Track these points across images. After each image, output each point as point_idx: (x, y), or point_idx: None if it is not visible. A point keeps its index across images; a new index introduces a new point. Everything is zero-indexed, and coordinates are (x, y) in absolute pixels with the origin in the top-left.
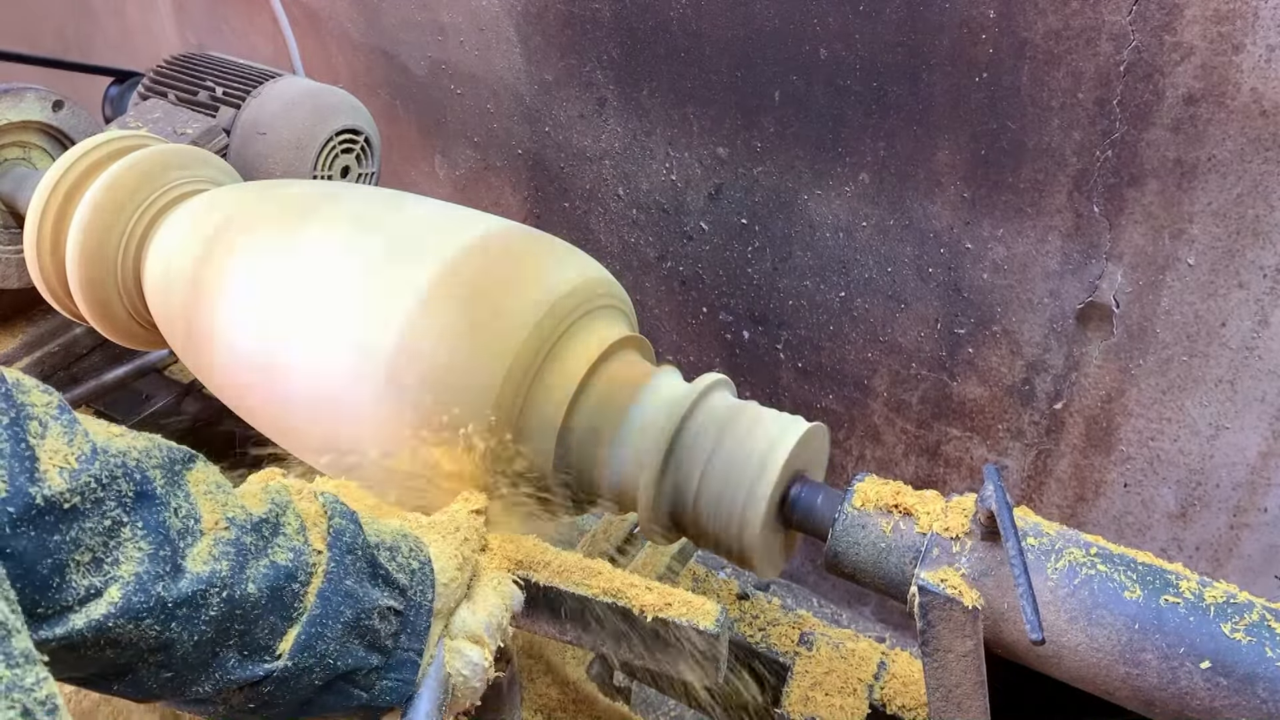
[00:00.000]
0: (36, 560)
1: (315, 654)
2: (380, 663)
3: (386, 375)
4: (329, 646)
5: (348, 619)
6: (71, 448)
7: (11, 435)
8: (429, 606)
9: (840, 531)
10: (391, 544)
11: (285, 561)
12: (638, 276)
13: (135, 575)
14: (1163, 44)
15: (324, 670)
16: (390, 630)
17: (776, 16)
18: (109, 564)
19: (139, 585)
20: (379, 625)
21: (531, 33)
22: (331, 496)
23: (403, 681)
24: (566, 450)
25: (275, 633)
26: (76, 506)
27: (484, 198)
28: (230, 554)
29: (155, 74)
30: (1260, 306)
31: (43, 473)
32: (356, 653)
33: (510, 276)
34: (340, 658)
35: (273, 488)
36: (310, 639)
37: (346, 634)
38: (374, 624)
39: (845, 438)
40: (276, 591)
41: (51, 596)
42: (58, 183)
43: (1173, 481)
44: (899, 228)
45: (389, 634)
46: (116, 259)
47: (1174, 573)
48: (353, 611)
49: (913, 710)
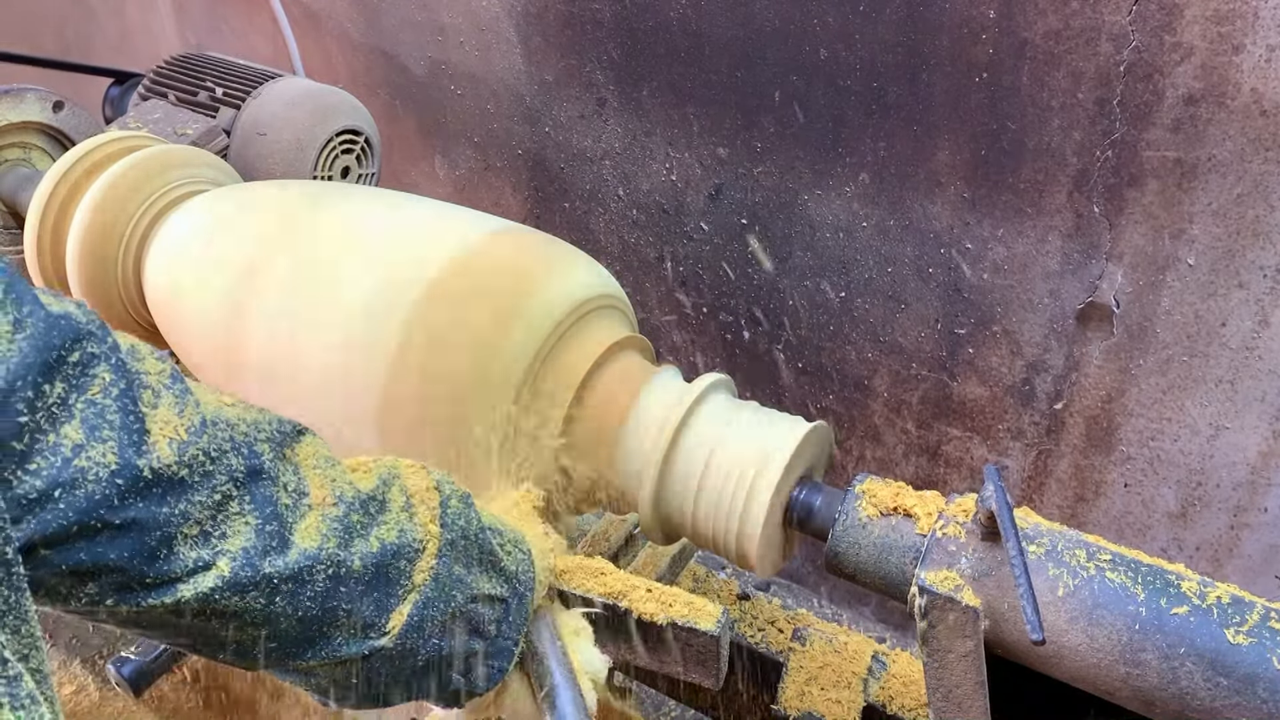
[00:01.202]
0: (146, 531)
1: (423, 634)
2: (482, 648)
3: (379, 376)
4: (436, 628)
5: (458, 602)
6: (182, 419)
7: (121, 406)
8: (530, 596)
9: (840, 532)
10: (500, 529)
11: (393, 539)
12: (638, 276)
13: (243, 549)
14: (1163, 44)
15: (429, 651)
16: (494, 617)
17: (776, 16)
18: (217, 537)
19: (246, 560)
20: (484, 611)
21: (531, 33)
22: (443, 475)
23: (497, 669)
24: (568, 452)
25: (381, 609)
26: (185, 479)
27: (484, 198)
28: (337, 530)
29: (155, 74)
30: (1260, 306)
31: (152, 444)
32: (460, 636)
33: (510, 280)
34: (446, 640)
35: (383, 464)
36: (421, 619)
37: (454, 617)
38: (480, 609)
39: (845, 438)
40: (382, 569)
41: (159, 567)
42: (58, 183)
43: (1173, 481)
44: (899, 228)
45: (493, 620)
46: (117, 259)
47: (1175, 573)
48: (463, 595)
49: (913, 710)
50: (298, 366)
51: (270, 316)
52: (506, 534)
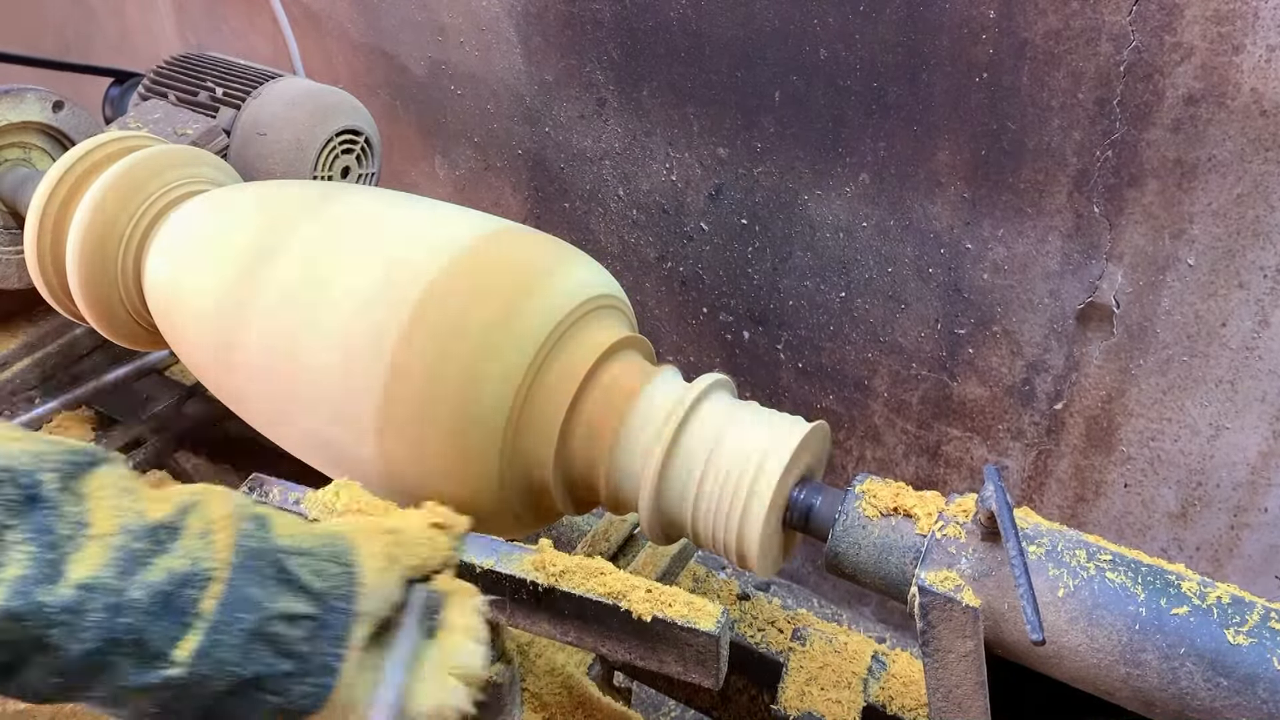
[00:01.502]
0: None
1: (214, 661)
2: (293, 669)
3: (378, 375)
4: (230, 654)
5: (249, 625)
6: None
7: None
8: (348, 609)
9: (840, 532)
10: (307, 548)
11: (181, 567)
12: (638, 276)
13: (17, 578)
14: (1163, 44)
15: (227, 677)
16: (301, 635)
17: (776, 16)
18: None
19: (19, 589)
20: (287, 631)
21: (531, 33)
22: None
23: (321, 685)
24: (567, 451)
25: (170, 639)
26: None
27: (484, 198)
28: (118, 560)
29: (155, 74)
30: (1260, 307)
31: None
32: (263, 659)
33: (510, 280)
34: (245, 664)
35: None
36: (209, 646)
37: (250, 640)
38: (280, 630)
39: (845, 438)
40: (169, 598)
41: None
42: (58, 183)
43: (1173, 481)
44: (899, 228)
45: (300, 639)
46: (117, 259)
47: (1175, 573)
48: (255, 618)
49: (913, 710)
50: (297, 366)
51: (270, 316)
52: (320, 549)
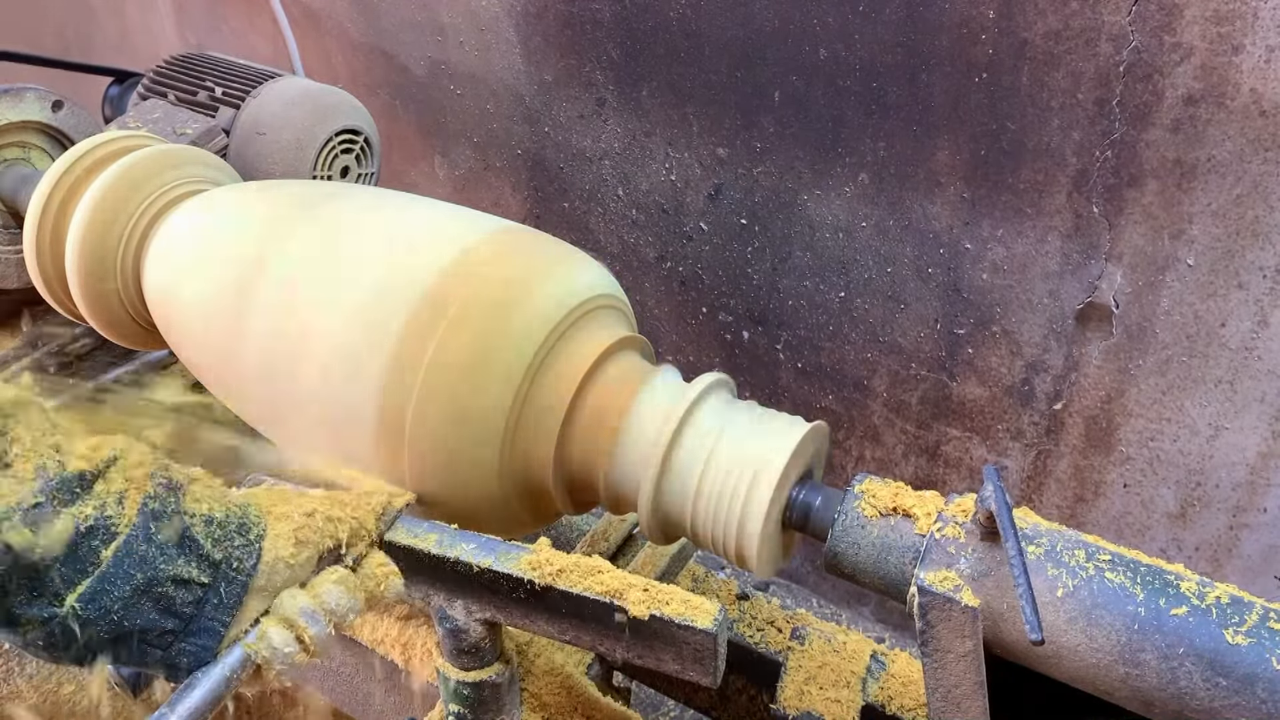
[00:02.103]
0: None
1: (99, 608)
2: (176, 627)
3: (378, 375)
4: (114, 604)
5: (138, 582)
6: None
7: None
8: (243, 581)
9: (840, 532)
10: (217, 517)
11: (87, 519)
12: (638, 276)
13: None
14: (1162, 44)
15: (109, 625)
16: (191, 598)
17: (776, 16)
18: None
19: None
20: (176, 593)
21: (531, 33)
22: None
23: (202, 648)
24: (566, 451)
25: (67, 583)
26: None
27: (484, 198)
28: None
29: (155, 74)
30: (1260, 307)
31: None
32: (148, 615)
33: (509, 279)
34: (128, 617)
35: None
36: (95, 594)
37: (136, 595)
38: (169, 591)
39: (845, 438)
40: (73, 547)
41: None
42: (57, 183)
43: (1172, 482)
44: (899, 228)
45: (189, 602)
46: (116, 259)
47: (1174, 573)
48: (145, 576)
49: (912, 710)
50: (296, 366)
51: (269, 316)
52: (229, 519)
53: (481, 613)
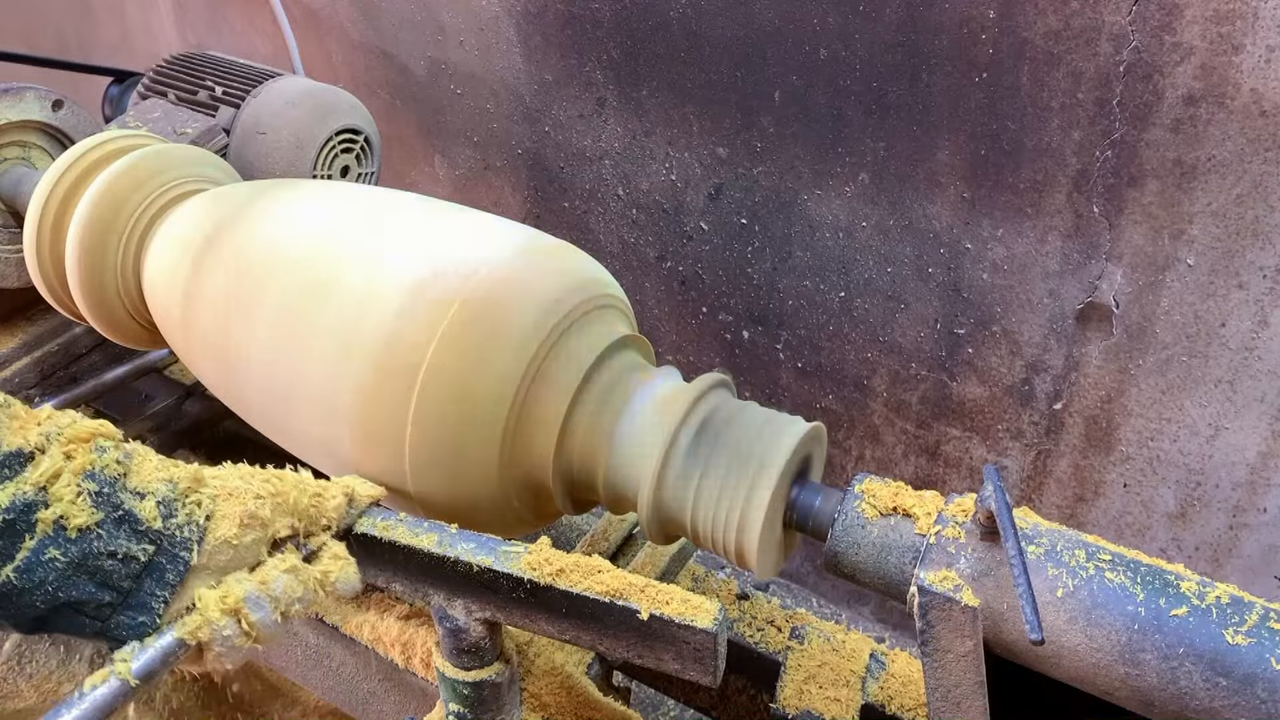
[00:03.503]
0: None
1: (33, 579)
2: (113, 599)
3: (378, 375)
4: (48, 575)
5: (73, 556)
6: None
7: None
8: (185, 559)
9: (840, 532)
10: (160, 495)
11: (25, 495)
12: (638, 276)
13: None
14: (1162, 44)
15: (45, 596)
16: (129, 573)
17: (776, 16)
18: None
19: None
20: (112, 566)
21: (531, 33)
22: (107, 441)
23: (138, 622)
24: (566, 451)
25: (3, 556)
26: None
27: (484, 198)
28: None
29: (155, 74)
30: (1260, 307)
31: None
32: (84, 587)
33: (509, 279)
34: (63, 588)
35: (53, 421)
36: (30, 565)
37: (71, 568)
38: (105, 564)
39: (845, 438)
40: (9, 523)
41: None
42: (57, 182)
43: (1172, 482)
44: (899, 228)
45: (127, 575)
46: (116, 258)
47: (1174, 573)
48: (80, 550)
49: (912, 710)
50: (296, 366)
51: (269, 316)
52: (174, 497)
53: (481, 612)
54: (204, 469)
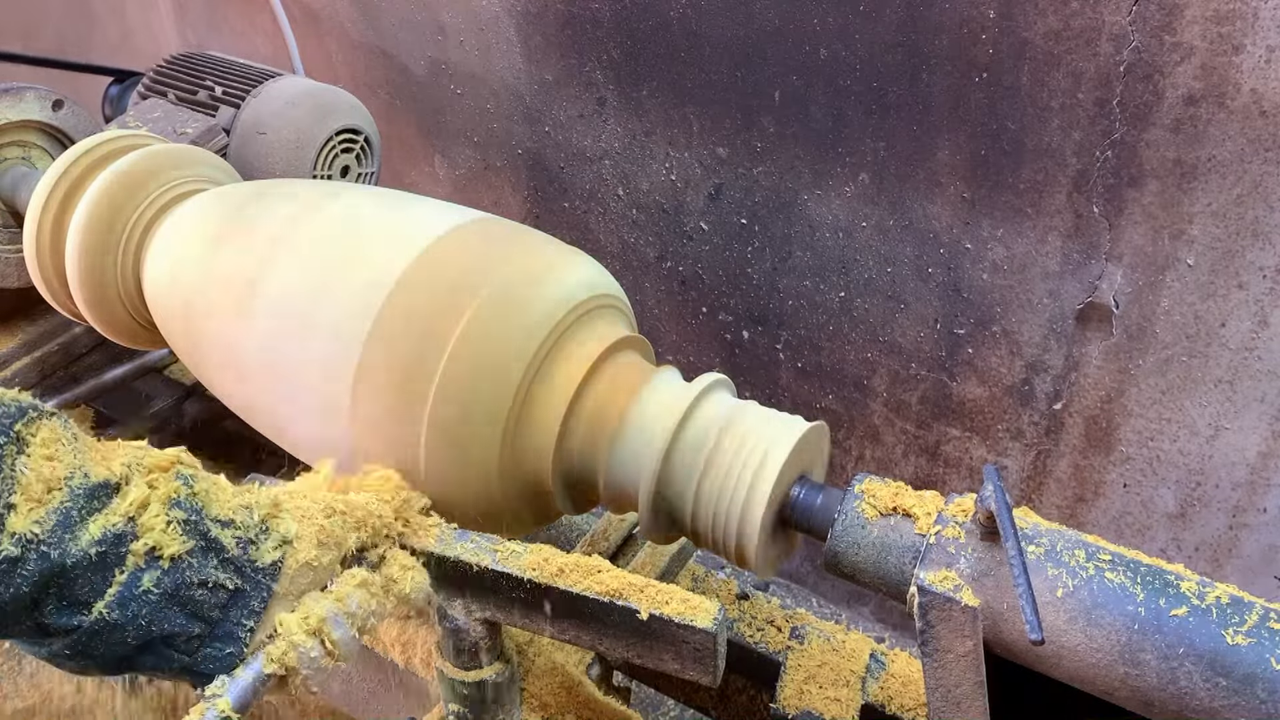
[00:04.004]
0: None
1: (128, 613)
2: (203, 631)
3: (378, 375)
4: (143, 609)
5: (166, 586)
6: None
7: None
8: (268, 585)
9: (840, 532)
10: (240, 521)
11: (114, 527)
12: (638, 276)
13: None
14: (1163, 44)
15: (138, 630)
16: (217, 602)
17: (776, 16)
18: None
19: None
20: (203, 596)
21: (531, 33)
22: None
23: (227, 653)
24: (566, 450)
25: (95, 591)
26: None
27: (484, 198)
28: (57, 515)
29: (155, 74)
30: (1260, 307)
31: None
32: (175, 619)
33: (509, 279)
34: (156, 621)
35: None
36: (123, 599)
37: (164, 600)
38: (196, 594)
39: (845, 438)
40: (101, 555)
41: None
42: (57, 182)
43: (1172, 482)
44: (899, 228)
45: (216, 605)
46: (116, 258)
47: (1174, 573)
48: (172, 580)
49: (912, 710)
50: (296, 366)
51: (268, 316)
52: (250, 528)
53: (481, 612)
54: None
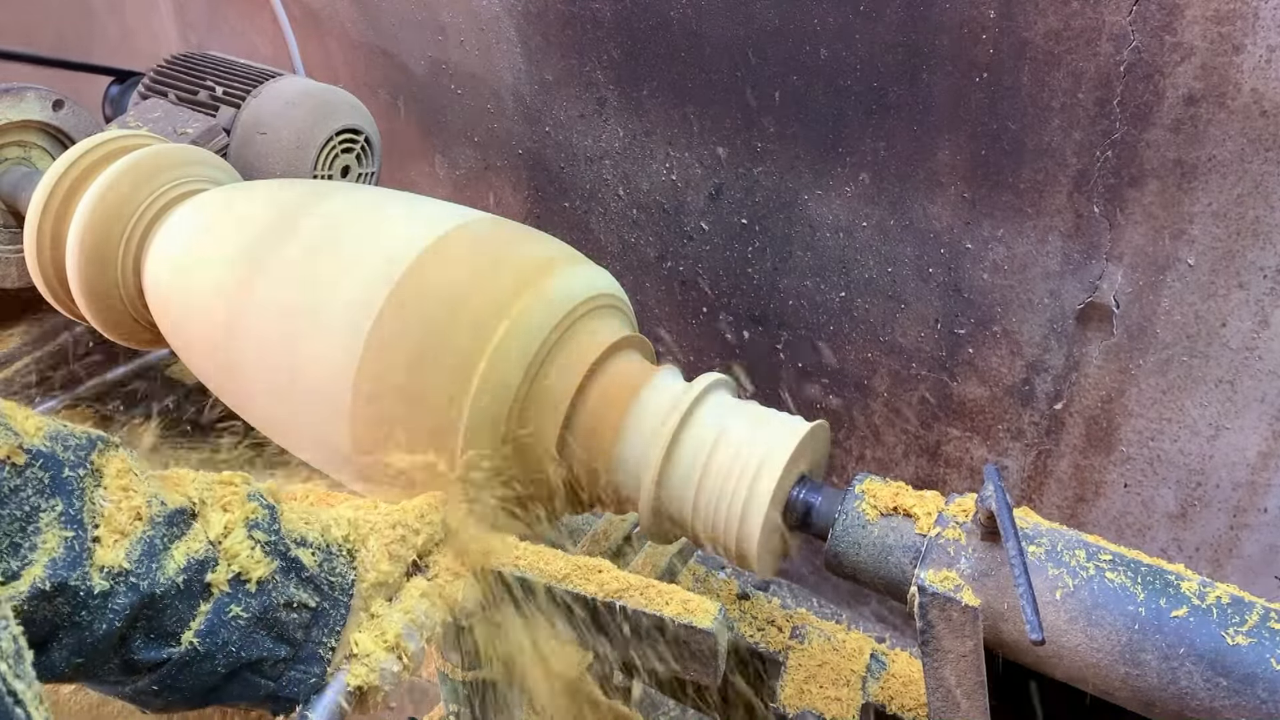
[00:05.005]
0: None
1: (217, 641)
2: (288, 654)
3: (379, 374)
4: (232, 635)
5: (255, 610)
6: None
7: None
8: (346, 603)
9: (840, 532)
10: (313, 540)
11: (197, 554)
12: (638, 276)
13: (51, 560)
14: (1163, 44)
15: (227, 657)
16: (301, 623)
17: (776, 16)
18: (26, 549)
19: (53, 572)
20: (288, 618)
21: (532, 32)
22: (256, 489)
23: (311, 675)
24: (566, 450)
25: (182, 620)
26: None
27: (484, 197)
28: (142, 546)
29: (155, 73)
30: (1260, 307)
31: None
32: (263, 643)
33: (509, 280)
34: (244, 647)
35: (198, 478)
36: (213, 626)
37: (252, 624)
38: (282, 616)
39: (845, 438)
40: (187, 583)
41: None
42: (58, 182)
43: (1173, 482)
44: (899, 228)
45: (299, 626)
46: (117, 258)
47: (1175, 573)
48: (260, 603)
49: (912, 710)
50: (296, 366)
51: (268, 315)
52: (324, 541)
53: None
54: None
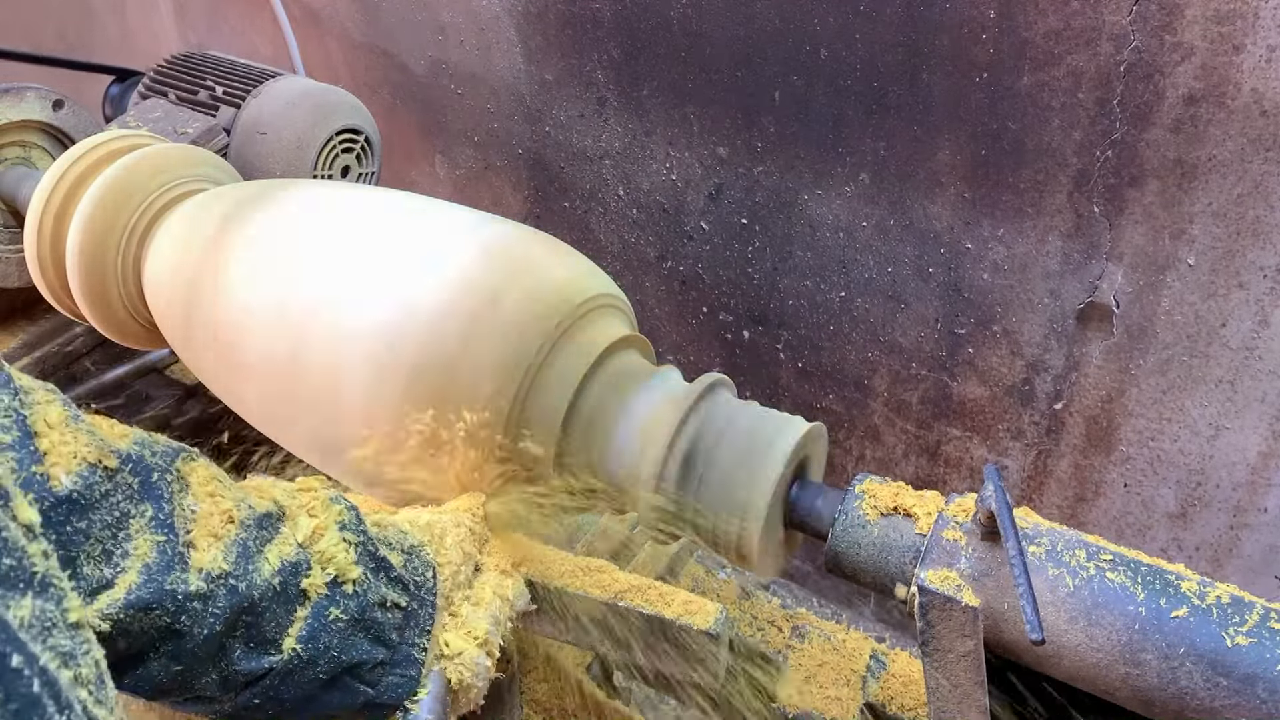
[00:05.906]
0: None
1: (319, 646)
2: (386, 657)
3: (379, 373)
4: (333, 639)
5: (353, 611)
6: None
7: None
8: (432, 602)
9: (840, 532)
10: (395, 538)
11: (290, 555)
12: (638, 276)
13: (145, 566)
14: (1163, 44)
15: (328, 663)
16: (394, 623)
17: (776, 16)
18: (119, 556)
19: (148, 577)
20: (383, 618)
21: (532, 32)
22: (336, 493)
23: (407, 677)
24: (567, 450)
25: (280, 626)
26: (84, 499)
27: (484, 198)
28: (237, 548)
29: (156, 73)
30: (1260, 307)
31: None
32: (361, 646)
33: (508, 280)
34: (344, 650)
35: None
36: (314, 631)
37: (351, 627)
38: (378, 617)
39: (845, 438)
40: (283, 585)
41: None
42: (58, 182)
43: (1173, 482)
44: (899, 228)
45: (393, 627)
46: (117, 258)
47: (1175, 573)
48: (357, 604)
49: (912, 710)
50: (296, 366)
51: (269, 316)
52: (405, 540)
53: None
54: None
